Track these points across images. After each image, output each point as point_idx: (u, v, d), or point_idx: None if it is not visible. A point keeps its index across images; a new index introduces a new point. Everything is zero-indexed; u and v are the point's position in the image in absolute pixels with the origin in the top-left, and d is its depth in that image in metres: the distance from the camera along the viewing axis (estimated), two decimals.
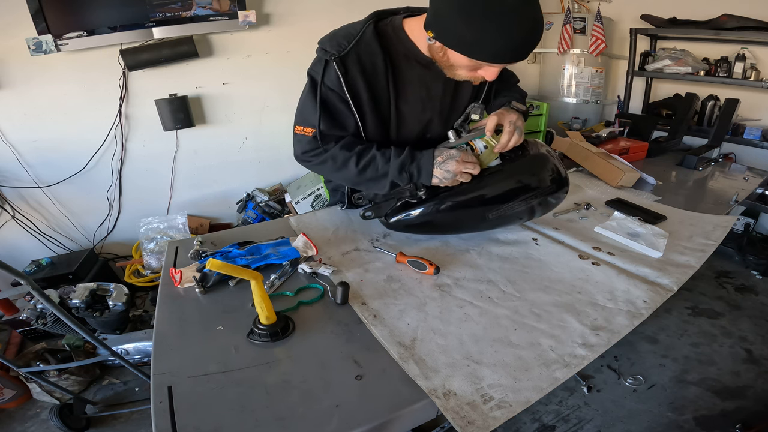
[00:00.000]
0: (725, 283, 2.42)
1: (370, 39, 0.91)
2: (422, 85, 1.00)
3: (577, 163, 1.75)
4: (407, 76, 0.98)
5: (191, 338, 0.77)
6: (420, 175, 0.96)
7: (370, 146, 0.98)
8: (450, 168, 0.93)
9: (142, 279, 2.26)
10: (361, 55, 0.91)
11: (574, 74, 3.10)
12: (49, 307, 1.12)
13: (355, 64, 0.90)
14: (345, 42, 0.90)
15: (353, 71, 0.91)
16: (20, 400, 1.71)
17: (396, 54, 0.95)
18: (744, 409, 1.60)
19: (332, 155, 0.98)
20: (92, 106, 2.21)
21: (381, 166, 0.96)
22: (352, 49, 0.90)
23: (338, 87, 0.91)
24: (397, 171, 0.96)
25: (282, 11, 2.46)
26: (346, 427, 0.59)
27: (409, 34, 0.94)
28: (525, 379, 0.67)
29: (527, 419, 1.59)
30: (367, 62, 0.92)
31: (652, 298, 0.88)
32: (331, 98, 0.94)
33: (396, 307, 0.85)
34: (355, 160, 0.96)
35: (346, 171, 0.98)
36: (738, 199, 1.46)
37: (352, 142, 0.99)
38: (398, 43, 0.95)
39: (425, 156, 0.95)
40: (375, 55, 0.92)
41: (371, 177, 0.98)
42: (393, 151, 0.97)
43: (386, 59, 0.93)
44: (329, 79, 0.92)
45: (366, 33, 0.91)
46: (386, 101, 0.98)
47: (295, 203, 2.52)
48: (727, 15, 2.51)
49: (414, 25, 0.94)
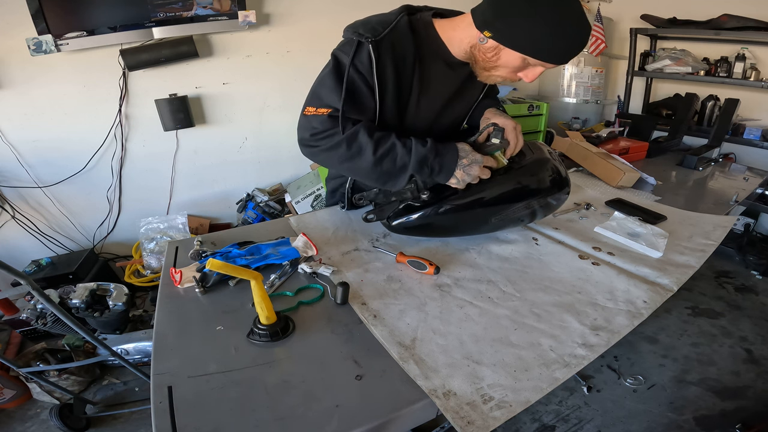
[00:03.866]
0: (725, 283, 2.42)
1: (404, 30, 0.91)
2: (443, 83, 1.01)
3: (577, 163, 1.75)
4: (432, 73, 0.98)
5: (191, 338, 0.77)
6: (441, 171, 0.91)
7: (389, 134, 0.92)
8: (472, 172, 0.92)
9: (142, 279, 2.26)
10: (395, 43, 0.90)
11: (574, 74, 3.09)
12: (49, 307, 1.12)
13: (388, 50, 0.89)
14: (380, 28, 0.88)
15: (385, 57, 0.89)
16: (20, 400, 1.71)
17: (425, 50, 0.95)
18: (744, 409, 1.60)
19: (348, 138, 0.90)
20: (92, 106, 2.21)
21: (401, 156, 0.90)
22: (387, 36, 0.88)
23: (368, 71, 0.89)
24: (418, 164, 0.90)
25: (282, 11, 2.46)
26: (346, 427, 0.59)
27: (441, 33, 0.95)
28: (525, 379, 0.67)
29: (527, 419, 1.60)
30: (399, 51, 0.91)
31: (652, 298, 0.88)
32: (357, 81, 0.90)
33: (396, 307, 0.85)
34: (373, 147, 0.89)
35: (360, 160, 0.91)
36: (738, 199, 1.46)
37: (370, 127, 0.92)
38: (429, 40, 0.95)
39: (450, 153, 0.91)
40: (407, 46, 0.92)
41: (388, 169, 0.91)
42: (414, 141, 0.91)
43: (416, 53, 0.93)
44: (360, 60, 0.88)
45: (401, 23, 0.91)
46: (408, 93, 0.97)
47: (295, 203, 2.52)
48: (727, 15, 2.51)
49: (445, 26, 0.95)
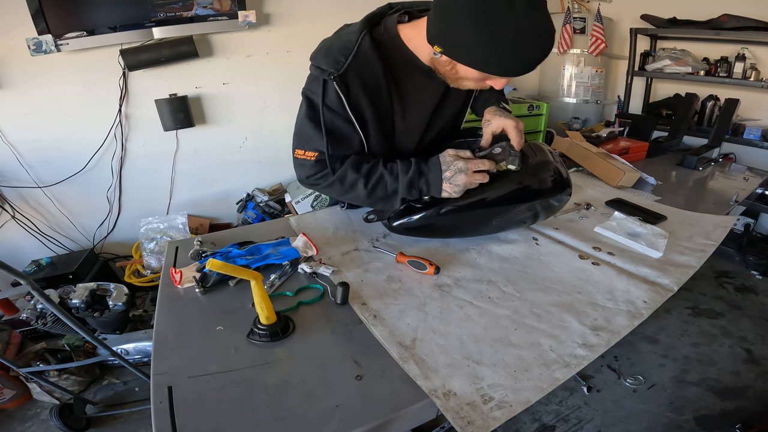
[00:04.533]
0: (725, 283, 2.42)
1: (368, 51, 0.86)
2: (423, 94, 0.98)
3: (577, 163, 1.74)
4: (409, 87, 0.95)
5: (191, 338, 0.77)
6: (429, 189, 0.93)
7: (376, 164, 0.94)
8: (459, 182, 0.91)
9: (142, 279, 2.26)
10: (360, 70, 0.86)
11: (574, 74, 3.09)
12: (49, 307, 1.12)
13: (355, 80, 0.85)
14: (342, 57, 0.84)
15: (355, 89, 0.86)
16: (20, 400, 1.71)
17: (396, 65, 0.91)
18: (744, 409, 1.60)
19: (339, 178, 0.93)
20: (92, 106, 2.21)
21: (390, 184, 0.93)
22: (350, 65, 0.84)
23: (340, 107, 0.87)
24: (406, 188, 0.93)
25: (282, 11, 2.47)
26: (346, 427, 0.59)
27: (407, 43, 0.89)
28: (525, 379, 0.67)
29: (527, 419, 1.60)
30: (368, 77, 0.87)
31: (652, 298, 0.88)
32: (335, 122, 0.89)
33: (396, 307, 0.85)
34: (363, 182, 0.93)
35: (355, 193, 0.95)
36: (738, 199, 1.45)
37: (357, 162, 0.94)
38: (396, 53, 0.90)
39: (433, 170, 0.92)
40: (375, 68, 0.87)
41: (382, 196, 0.95)
42: (400, 167, 0.93)
43: (387, 71, 0.89)
44: (330, 100, 0.87)
45: (363, 45, 0.85)
46: (389, 115, 0.95)
47: (295, 203, 2.52)
48: (727, 15, 2.51)
49: (410, 33, 0.89)
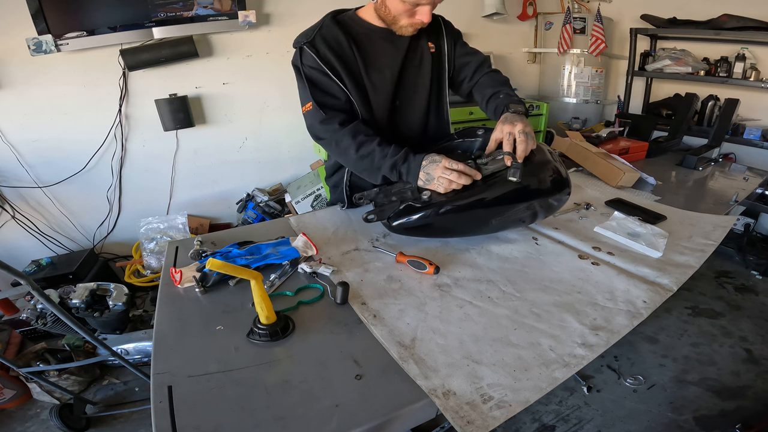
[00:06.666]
0: (725, 283, 2.42)
1: (329, 25, 1.11)
2: (385, 56, 1.14)
3: (577, 163, 1.74)
4: (371, 49, 1.13)
5: (191, 338, 0.77)
6: (409, 174, 1.03)
7: (373, 139, 1.07)
8: (430, 171, 0.99)
9: (142, 279, 2.26)
10: (325, 36, 1.09)
11: (574, 74, 3.10)
12: (49, 307, 1.12)
13: (322, 43, 1.08)
14: (310, 32, 1.10)
15: (323, 49, 1.08)
16: (20, 400, 1.71)
17: (356, 33, 1.12)
18: (744, 409, 1.60)
19: (337, 139, 1.09)
20: (92, 106, 2.21)
21: (378, 160, 1.05)
22: (317, 35, 1.09)
23: (315, 63, 1.08)
24: (389, 168, 1.04)
25: (282, 11, 2.47)
26: (346, 426, 0.59)
27: (362, 16, 1.13)
28: (524, 379, 0.67)
29: (527, 419, 1.60)
30: (331, 41, 1.09)
31: (651, 298, 0.88)
32: (313, 74, 1.10)
33: (396, 307, 0.85)
34: (355, 148, 1.07)
35: (346, 157, 1.10)
36: (738, 199, 1.45)
37: (356, 129, 1.08)
38: (354, 25, 1.13)
39: (416, 159, 1.03)
40: (337, 35, 1.10)
41: (367, 167, 1.08)
42: (392, 148, 1.05)
43: (348, 36, 1.10)
44: (307, 60, 1.09)
45: (326, 22, 1.11)
46: (357, 69, 1.12)
47: (295, 203, 2.52)
48: (727, 15, 2.51)
49: (364, 10, 1.14)
